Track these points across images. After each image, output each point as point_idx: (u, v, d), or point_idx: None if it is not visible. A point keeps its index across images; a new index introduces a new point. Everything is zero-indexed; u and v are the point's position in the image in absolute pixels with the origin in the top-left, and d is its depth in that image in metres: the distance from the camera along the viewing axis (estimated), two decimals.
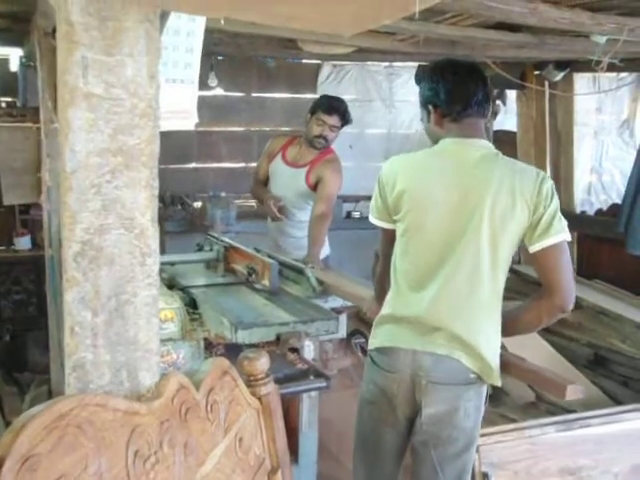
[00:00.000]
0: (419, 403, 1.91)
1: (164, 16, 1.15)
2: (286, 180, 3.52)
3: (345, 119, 3.47)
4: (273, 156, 3.62)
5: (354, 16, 0.81)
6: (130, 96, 1.09)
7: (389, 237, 2.02)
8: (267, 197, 3.50)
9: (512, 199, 1.84)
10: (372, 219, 2.06)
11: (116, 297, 1.13)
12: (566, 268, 1.88)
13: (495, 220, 1.84)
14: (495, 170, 1.88)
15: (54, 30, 3.06)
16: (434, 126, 1.98)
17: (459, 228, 1.86)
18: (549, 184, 1.89)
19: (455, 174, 1.88)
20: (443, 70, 1.95)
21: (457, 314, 1.88)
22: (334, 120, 3.42)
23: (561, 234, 1.87)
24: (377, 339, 2.00)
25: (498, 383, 1.94)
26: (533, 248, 1.87)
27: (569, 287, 1.87)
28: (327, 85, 6.06)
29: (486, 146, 1.95)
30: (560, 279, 1.86)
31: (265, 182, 3.67)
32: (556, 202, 1.89)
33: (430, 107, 1.97)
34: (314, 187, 3.47)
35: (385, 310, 2.01)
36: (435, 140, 2.00)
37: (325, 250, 3.57)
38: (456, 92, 1.91)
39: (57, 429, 0.87)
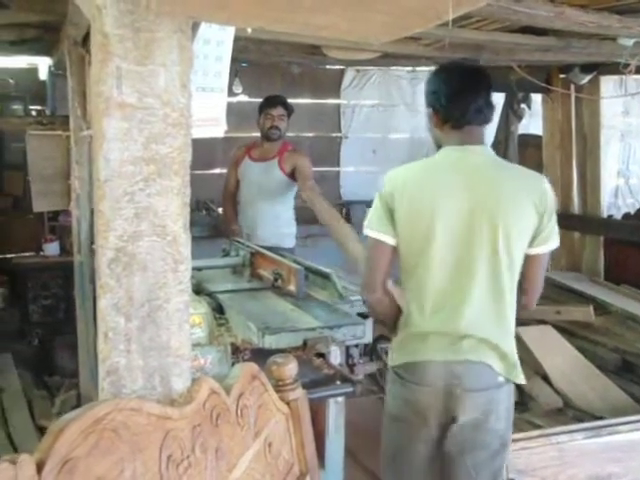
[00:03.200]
0: (453, 412, 1.90)
1: (196, 26, 1.17)
2: (259, 174, 3.94)
3: (287, 107, 3.95)
4: (240, 162, 4.06)
5: (385, 25, 0.82)
6: (163, 105, 1.11)
7: (389, 253, 1.94)
8: (233, 229, 3.94)
9: (521, 202, 1.86)
10: (372, 232, 1.94)
11: (149, 303, 1.15)
12: (543, 273, 2.00)
13: (508, 224, 1.85)
14: (501, 175, 1.90)
15: (84, 39, 3.13)
16: (435, 128, 1.99)
17: (472, 237, 1.86)
18: (549, 186, 1.93)
19: (461, 183, 1.87)
20: (446, 74, 1.95)
21: (483, 321, 1.90)
22: (279, 110, 3.91)
23: (557, 242, 1.94)
24: (401, 356, 1.97)
25: (523, 381, 1.99)
26: (531, 251, 1.91)
27: (539, 290, 2.00)
28: (350, 90, 6.08)
29: (486, 152, 1.95)
30: (537, 282, 1.98)
31: (235, 192, 4.14)
32: (556, 206, 1.94)
33: (431, 110, 1.97)
34: (290, 174, 3.88)
35: (406, 330, 1.97)
36: (437, 143, 2.01)
37: (291, 239, 4.02)
38: (456, 98, 1.90)
39: (94, 433, 0.89)
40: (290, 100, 6.09)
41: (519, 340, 3.64)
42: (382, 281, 1.96)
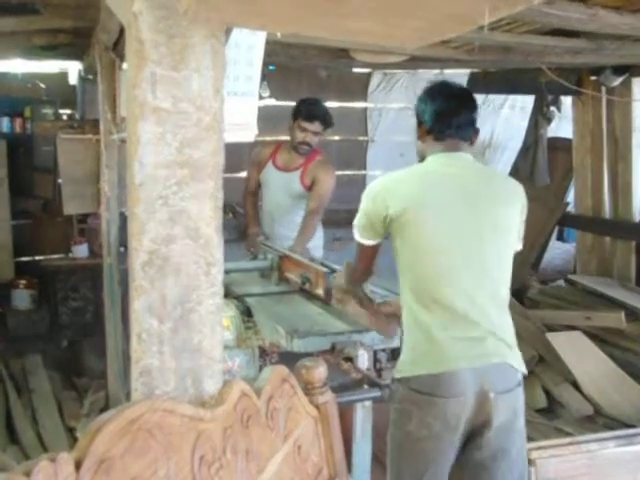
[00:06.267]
0: (486, 416, 1.89)
1: (229, 31, 1.18)
2: (280, 185, 3.63)
3: (326, 123, 3.53)
4: (263, 165, 3.71)
5: (421, 30, 0.82)
6: (196, 110, 1.12)
7: (374, 251, 2.10)
8: (251, 232, 3.64)
9: (511, 200, 2.02)
10: (362, 239, 2.06)
11: (181, 305, 1.16)
12: None
13: (506, 221, 1.99)
14: (488, 176, 2.13)
15: (115, 44, 3.17)
16: (418, 140, 2.14)
17: (476, 234, 1.94)
18: None
19: (457, 185, 1.98)
20: (433, 91, 2.11)
21: (493, 317, 1.93)
22: (315, 126, 3.48)
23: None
24: (418, 367, 1.92)
25: (525, 371, 2.01)
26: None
27: None
28: (377, 93, 6.08)
29: (470, 158, 2.08)
30: None
31: (256, 192, 3.82)
32: None
33: (418, 122, 2.13)
34: (310, 188, 3.59)
35: (421, 337, 1.93)
36: (420, 155, 2.13)
37: (318, 251, 3.66)
38: (439, 112, 2.05)
39: (129, 433, 0.90)
40: None
41: (549, 346, 3.62)
42: (370, 266, 2.18)
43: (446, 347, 1.89)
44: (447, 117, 2.04)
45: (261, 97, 4.88)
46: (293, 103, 5.99)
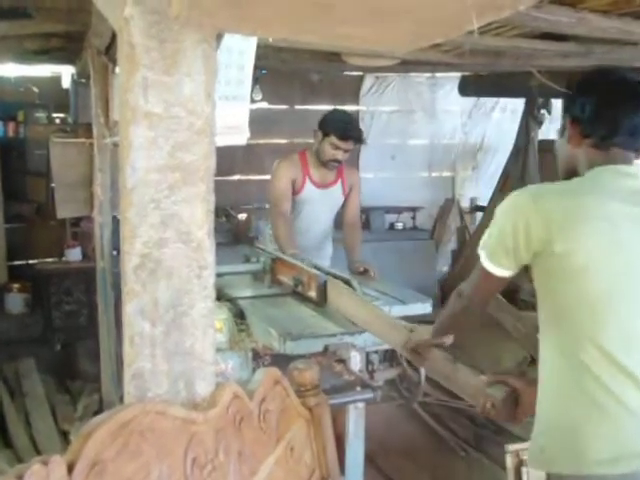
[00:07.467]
0: None
1: (220, 36, 1.19)
2: (322, 201, 3.49)
3: (359, 141, 3.41)
4: (300, 183, 3.46)
5: (410, 34, 0.83)
6: (188, 114, 1.13)
7: (501, 285, 1.54)
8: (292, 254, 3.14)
9: None
10: (492, 266, 1.48)
11: (174, 309, 1.16)
12: None
13: None
14: None
15: (107, 48, 3.17)
16: (567, 143, 1.58)
17: None
18: None
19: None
20: (597, 80, 1.60)
21: None
22: (348, 145, 3.33)
23: None
24: (589, 464, 1.36)
25: None
26: None
27: None
28: (369, 97, 6.10)
29: None
30: None
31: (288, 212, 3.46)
32: None
33: (569, 119, 1.57)
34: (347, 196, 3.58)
35: (580, 411, 1.39)
36: (566, 163, 1.62)
37: (327, 260, 3.52)
38: (606, 111, 1.50)
39: (122, 436, 0.90)
40: (309, 107, 6.11)
41: None
42: (487, 302, 1.64)
43: (623, 433, 1.36)
44: (616, 119, 1.49)
45: (254, 101, 4.89)
46: (285, 106, 6.04)
